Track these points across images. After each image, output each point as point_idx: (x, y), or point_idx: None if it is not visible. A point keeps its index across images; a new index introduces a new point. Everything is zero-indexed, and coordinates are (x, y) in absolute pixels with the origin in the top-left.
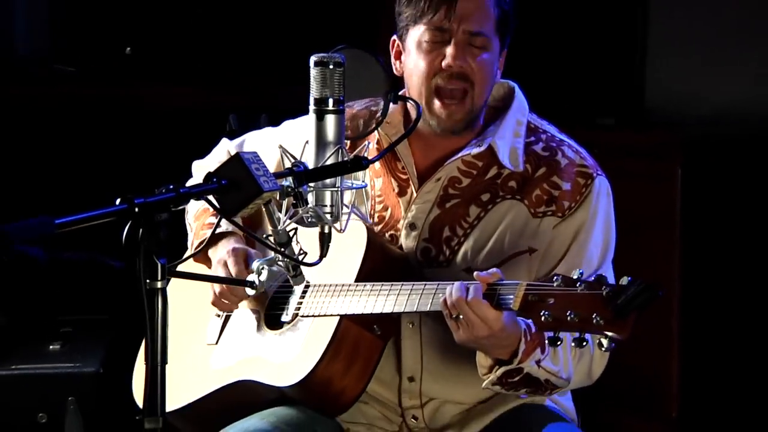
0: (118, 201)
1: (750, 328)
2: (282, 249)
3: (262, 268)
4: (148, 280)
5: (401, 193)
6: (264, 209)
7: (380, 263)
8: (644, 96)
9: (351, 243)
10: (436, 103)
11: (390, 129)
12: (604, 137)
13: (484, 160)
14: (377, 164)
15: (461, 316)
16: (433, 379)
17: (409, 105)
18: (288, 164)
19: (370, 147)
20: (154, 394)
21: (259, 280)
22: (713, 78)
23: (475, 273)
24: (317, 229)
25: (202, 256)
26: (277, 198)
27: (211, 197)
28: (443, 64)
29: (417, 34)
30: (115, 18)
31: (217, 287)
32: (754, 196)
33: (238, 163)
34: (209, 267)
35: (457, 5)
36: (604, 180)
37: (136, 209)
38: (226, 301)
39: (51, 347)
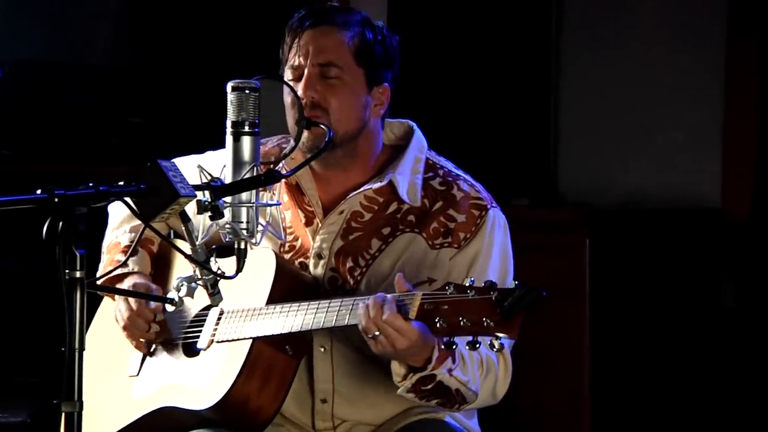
0: (39, 191)
1: (660, 393)
2: (202, 264)
3: (182, 285)
4: (67, 270)
5: (308, 223)
6: (183, 228)
7: (289, 287)
8: (557, 181)
9: (260, 270)
10: (303, 133)
11: (294, 164)
12: (517, 214)
13: (384, 196)
14: (285, 197)
15: (378, 333)
16: (345, 401)
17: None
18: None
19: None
20: (71, 378)
21: (179, 297)
22: (621, 164)
23: (398, 275)
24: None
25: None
26: (195, 211)
27: (129, 200)
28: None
29: (285, 75)
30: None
31: (123, 318)
32: (656, 264)
33: (156, 169)
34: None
35: (307, 43)
36: (499, 212)
37: (56, 200)
38: (134, 338)
39: None
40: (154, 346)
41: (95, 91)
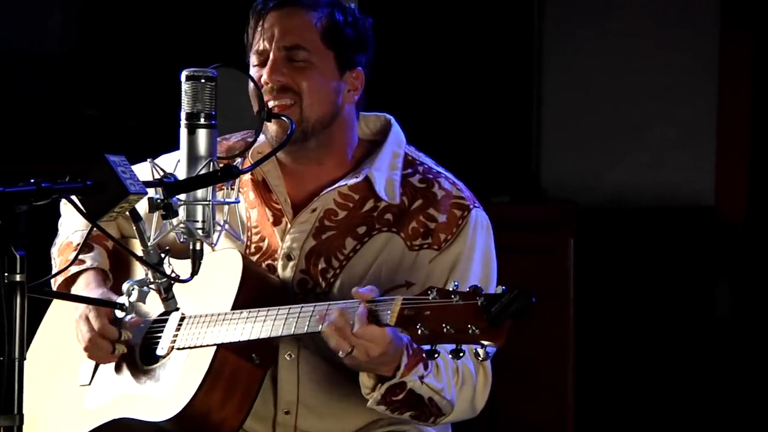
0: None
1: (648, 403)
2: (154, 267)
3: (132, 289)
4: (6, 273)
5: (276, 222)
6: (134, 228)
7: (257, 291)
8: (540, 177)
9: (225, 272)
10: (267, 123)
11: (260, 157)
12: (498, 211)
13: (360, 193)
14: (251, 195)
15: (350, 351)
16: (309, 412)
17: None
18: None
19: (245, 178)
20: (11, 390)
21: (129, 302)
22: (608, 160)
23: (354, 290)
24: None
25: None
26: (147, 210)
27: (74, 198)
28: (262, 81)
29: (250, 61)
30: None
31: (84, 340)
32: (646, 266)
33: (103, 165)
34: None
35: (272, 25)
36: (482, 212)
37: None
38: (97, 359)
39: None
40: None
41: (46, 82)
